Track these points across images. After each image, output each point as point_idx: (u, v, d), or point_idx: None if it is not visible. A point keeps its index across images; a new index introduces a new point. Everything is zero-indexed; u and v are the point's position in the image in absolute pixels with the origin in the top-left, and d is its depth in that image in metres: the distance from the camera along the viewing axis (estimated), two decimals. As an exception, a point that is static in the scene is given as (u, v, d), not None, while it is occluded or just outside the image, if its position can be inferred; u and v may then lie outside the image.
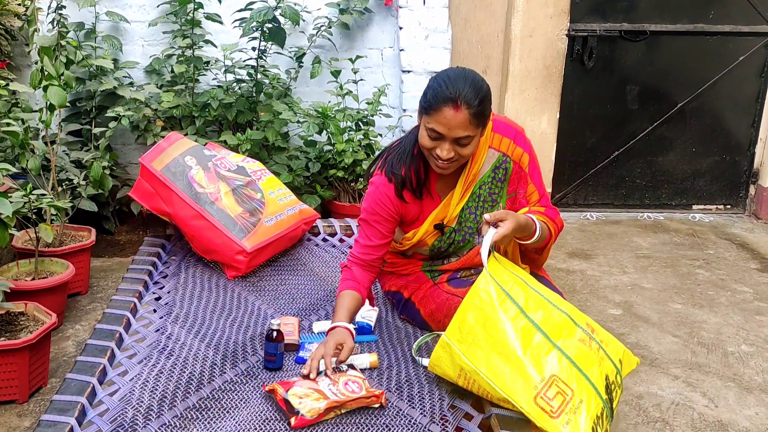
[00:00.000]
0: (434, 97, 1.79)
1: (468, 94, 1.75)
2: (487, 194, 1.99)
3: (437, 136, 1.81)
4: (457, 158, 1.84)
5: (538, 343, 1.62)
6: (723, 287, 3.59)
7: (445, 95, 1.76)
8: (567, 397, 1.57)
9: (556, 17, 4.23)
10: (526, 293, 1.70)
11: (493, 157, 1.98)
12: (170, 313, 2.10)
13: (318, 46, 4.16)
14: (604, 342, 1.73)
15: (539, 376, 1.58)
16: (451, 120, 1.76)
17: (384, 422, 1.62)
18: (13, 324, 2.56)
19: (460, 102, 1.75)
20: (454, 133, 1.78)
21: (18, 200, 2.59)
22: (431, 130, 1.81)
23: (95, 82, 3.80)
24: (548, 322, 1.66)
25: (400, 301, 2.14)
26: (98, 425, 1.56)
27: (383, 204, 1.96)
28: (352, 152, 3.82)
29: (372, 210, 1.98)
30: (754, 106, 4.57)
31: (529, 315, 1.65)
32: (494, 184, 2.00)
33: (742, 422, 2.50)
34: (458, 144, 1.81)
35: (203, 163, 2.45)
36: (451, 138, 1.79)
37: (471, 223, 2.00)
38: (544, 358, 1.60)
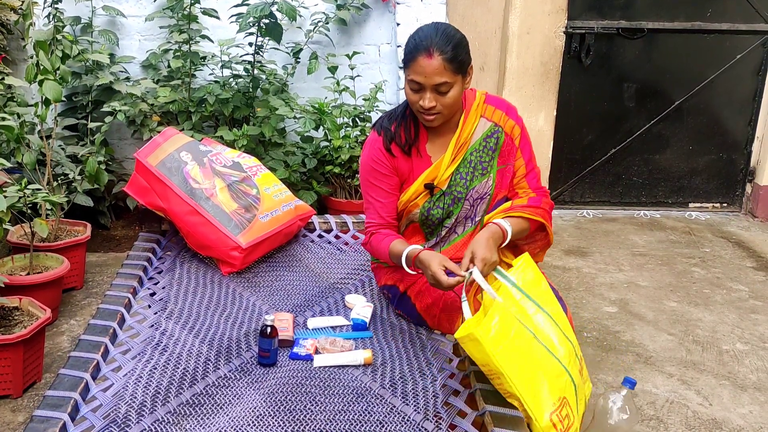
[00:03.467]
0: (409, 49, 1.88)
1: (439, 41, 1.84)
2: (477, 162, 2.04)
3: (418, 87, 1.88)
4: (439, 109, 1.90)
5: (554, 365, 1.72)
6: (719, 285, 3.60)
7: (418, 45, 1.85)
8: (570, 421, 1.71)
9: (554, 14, 4.22)
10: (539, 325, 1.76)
11: (485, 125, 2.04)
12: (164, 309, 2.09)
13: (315, 41, 4.15)
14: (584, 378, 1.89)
15: (556, 396, 1.69)
16: (426, 67, 1.84)
17: (378, 419, 1.61)
18: (8, 319, 2.56)
19: (433, 49, 1.83)
20: (432, 80, 1.85)
21: (13, 195, 2.59)
22: (411, 81, 1.88)
23: (91, 76, 3.78)
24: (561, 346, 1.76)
25: (396, 296, 2.14)
26: (91, 421, 1.56)
27: (377, 158, 2.03)
28: (349, 148, 3.81)
29: (368, 167, 2.05)
30: (751, 105, 4.58)
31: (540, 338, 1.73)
32: (485, 152, 2.04)
33: (736, 420, 2.50)
34: (438, 92, 1.88)
35: (199, 159, 2.44)
36: (430, 86, 1.86)
37: (461, 188, 2.04)
38: (559, 379, 1.71)
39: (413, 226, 2.12)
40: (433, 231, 2.10)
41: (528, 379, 1.66)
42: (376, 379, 1.77)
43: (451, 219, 2.07)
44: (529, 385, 1.66)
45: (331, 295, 2.26)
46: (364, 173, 2.07)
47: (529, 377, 1.66)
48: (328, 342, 1.91)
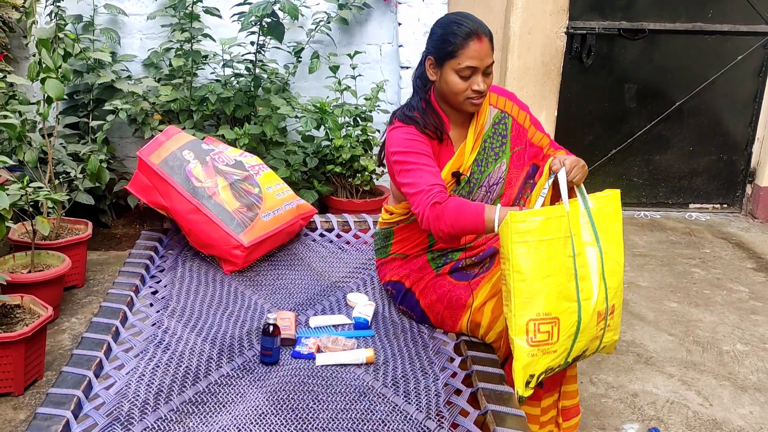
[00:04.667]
0: (456, 38, 1.89)
1: (479, 24, 1.91)
2: (490, 148, 2.07)
3: (470, 73, 1.91)
4: (485, 90, 1.94)
5: (568, 288, 1.72)
6: (719, 286, 3.60)
7: (466, 32, 1.88)
8: (548, 342, 1.71)
9: (555, 14, 4.22)
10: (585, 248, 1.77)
11: (492, 112, 2.09)
12: (167, 307, 2.10)
13: (316, 41, 4.15)
14: (610, 327, 1.84)
15: (547, 309, 1.69)
16: (480, 50, 1.89)
17: (380, 418, 1.62)
18: (9, 317, 2.56)
19: (480, 32, 1.89)
20: (485, 62, 1.90)
21: (15, 193, 2.59)
22: (465, 68, 1.90)
23: (93, 75, 3.78)
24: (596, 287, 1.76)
25: (400, 292, 2.14)
26: (94, 419, 1.56)
27: (415, 137, 1.96)
28: (350, 148, 3.81)
29: (407, 143, 1.95)
30: (751, 106, 4.58)
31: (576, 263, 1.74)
32: (496, 139, 2.08)
33: (736, 421, 2.50)
34: (485, 74, 1.93)
35: (201, 157, 2.44)
36: (483, 68, 1.91)
37: (478, 174, 2.06)
38: (563, 302, 1.71)
39: None
40: None
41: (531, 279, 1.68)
42: (378, 378, 1.77)
43: None
44: (529, 284, 1.68)
45: (333, 293, 2.27)
46: (404, 150, 1.93)
47: (533, 278, 1.68)
48: (330, 341, 1.91)
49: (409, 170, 1.92)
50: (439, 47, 1.93)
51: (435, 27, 1.98)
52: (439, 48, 1.93)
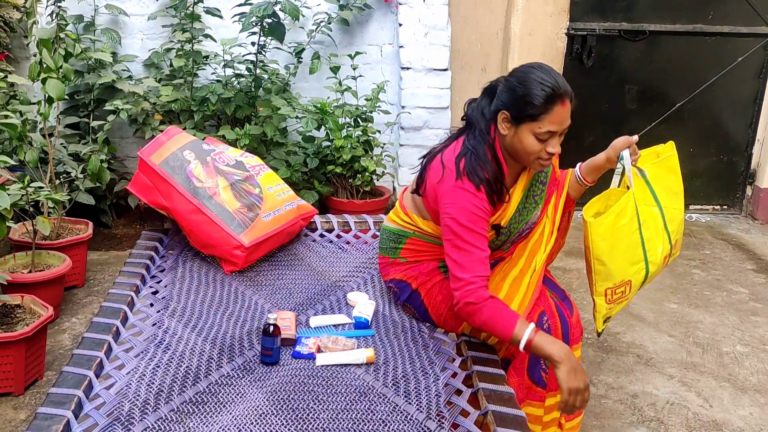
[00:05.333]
0: (540, 101, 1.76)
1: (565, 85, 1.79)
2: (531, 197, 2.03)
3: (548, 137, 1.81)
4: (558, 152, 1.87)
5: (636, 254, 2.05)
6: (719, 287, 3.60)
7: (551, 95, 1.76)
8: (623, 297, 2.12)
9: (556, 16, 4.23)
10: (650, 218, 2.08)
11: None
12: (167, 307, 2.10)
13: (317, 41, 4.15)
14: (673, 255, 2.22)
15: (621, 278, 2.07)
16: (563, 114, 1.79)
17: (380, 418, 1.62)
18: (10, 316, 2.56)
19: (565, 95, 1.78)
20: (564, 125, 1.82)
21: (15, 193, 2.59)
22: (545, 133, 1.79)
23: (94, 75, 3.79)
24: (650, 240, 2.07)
25: (405, 291, 2.11)
26: (95, 419, 1.56)
27: (482, 207, 1.85)
28: (351, 148, 3.82)
29: (472, 216, 1.84)
30: (752, 107, 4.58)
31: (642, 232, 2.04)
32: (537, 186, 2.04)
33: (736, 422, 2.51)
34: (560, 135, 1.85)
35: (202, 158, 2.44)
36: (561, 131, 1.83)
37: (516, 225, 2.02)
38: (634, 266, 2.06)
39: None
40: None
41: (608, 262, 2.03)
42: (379, 378, 1.78)
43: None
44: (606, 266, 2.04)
45: (333, 293, 2.27)
46: (465, 221, 1.83)
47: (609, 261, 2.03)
48: (331, 340, 1.91)
49: (461, 248, 1.83)
50: (520, 107, 1.79)
51: (515, 82, 1.81)
52: (520, 108, 1.79)
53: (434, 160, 1.94)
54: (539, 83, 1.77)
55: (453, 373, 1.84)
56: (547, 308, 2.01)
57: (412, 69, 4.14)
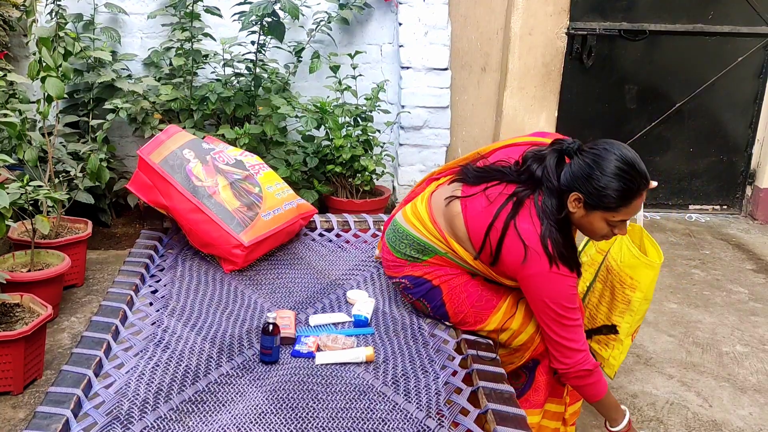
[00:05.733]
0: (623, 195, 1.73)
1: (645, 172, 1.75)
2: None
3: (620, 223, 1.81)
4: None
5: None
6: (718, 287, 3.60)
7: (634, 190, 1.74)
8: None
9: (556, 15, 4.22)
10: None
11: None
12: (167, 306, 2.09)
13: (317, 41, 4.15)
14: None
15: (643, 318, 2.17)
16: (640, 204, 1.78)
17: (380, 416, 1.62)
18: (9, 315, 2.56)
19: (643, 187, 1.75)
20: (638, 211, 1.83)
21: (15, 191, 2.59)
22: (619, 221, 1.79)
23: (93, 73, 3.78)
24: None
25: (422, 287, 2.06)
26: (94, 417, 1.56)
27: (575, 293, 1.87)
28: (350, 148, 3.81)
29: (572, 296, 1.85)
30: (752, 107, 4.58)
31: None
32: None
33: (735, 422, 2.50)
34: None
35: (201, 157, 2.44)
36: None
37: None
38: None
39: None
40: None
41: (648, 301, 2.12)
42: (379, 377, 1.77)
43: None
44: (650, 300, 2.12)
45: (333, 291, 2.26)
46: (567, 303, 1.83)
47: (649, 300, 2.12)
48: (330, 339, 1.91)
49: (568, 326, 1.86)
50: (596, 197, 1.75)
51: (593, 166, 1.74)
52: (596, 197, 1.75)
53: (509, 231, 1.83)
54: (620, 177, 1.71)
55: (453, 372, 1.84)
56: None
57: (411, 68, 4.14)
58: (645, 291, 2.07)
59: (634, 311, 2.10)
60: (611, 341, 2.17)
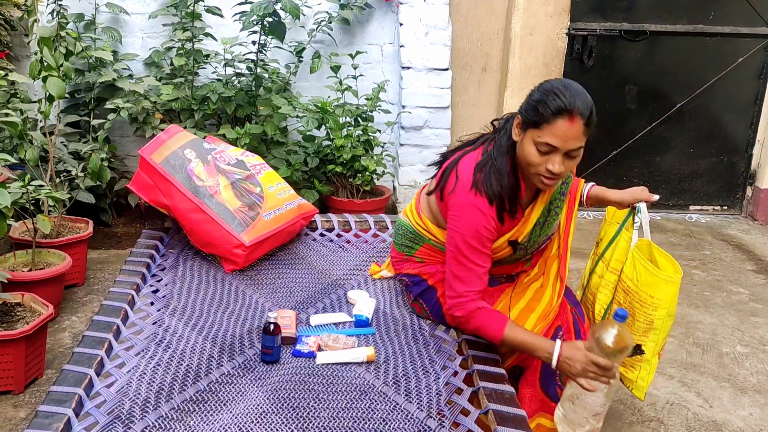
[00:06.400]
0: (548, 111, 1.71)
1: (581, 105, 1.71)
2: (552, 210, 1.99)
3: (549, 150, 1.74)
4: (563, 173, 1.77)
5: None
6: (719, 288, 3.60)
7: (560, 108, 1.70)
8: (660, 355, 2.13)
9: (557, 16, 4.23)
10: None
11: None
12: (168, 306, 2.10)
13: (318, 41, 4.15)
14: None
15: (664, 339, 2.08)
16: (567, 132, 1.71)
17: (381, 416, 1.62)
18: (10, 315, 2.56)
19: (575, 113, 1.70)
20: (569, 145, 1.72)
21: (16, 191, 2.59)
22: (543, 144, 1.73)
23: (94, 73, 3.79)
24: None
25: (419, 286, 2.09)
26: (95, 417, 1.56)
27: (488, 227, 1.84)
28: (351, 148, 3.82)
29: (477, 234, 1.84)
30: (752, 108, 4.59)
31: None
32: (559, 199, 1.99)
33: (736, 422, 2.51)
34: (568, 156, 1.75)
35: (203, 156, 2.44)
36: (565, 150, 1.73)
37: (536, 238, 1.99)
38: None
39: None
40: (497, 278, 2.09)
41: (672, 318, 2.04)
42: (380, 377, 1.78)
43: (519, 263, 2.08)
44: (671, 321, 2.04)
45: (334, 291, 2.27)
46: (470, 239, 1.84)
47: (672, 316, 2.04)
48: (331, 339, 1.91)
49: (462, 263, 1.86)
50: (528, 112, 1.76)
51: (535, 88, 1.79)
52: (528, 113, 1.76)
53: (453, 168, 1.89)
54: (554, 93, 1.71)
55: (454, 372, 1.84)
56: (564, 322, 2.00)
57: (412, 68, 4.14)
58: (668, 308, 1.98)
59: (658, 329, 1.99)
60: (637, 362, 2.04)
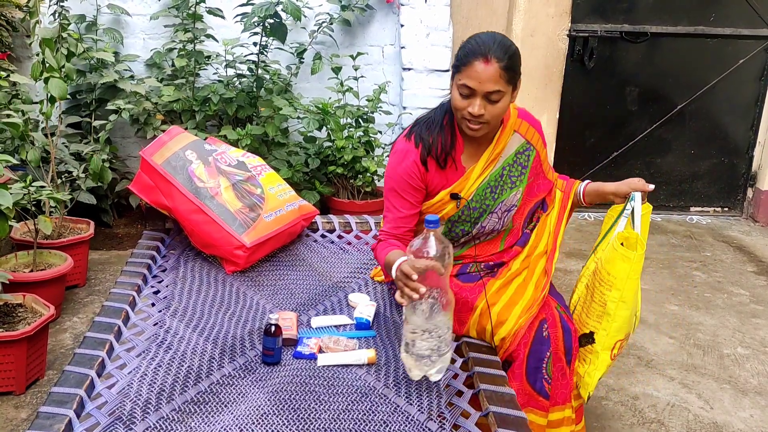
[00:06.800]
0: (465, 54, 1.84)
1: (497, 49, 1.81)
2: (508, 176, 2.04)
3: (469, 93, 1.84)
4: (487, 118, 1.86)
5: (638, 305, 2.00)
6: (720, 289, 3.60)
7: (475, 50, 1.82)
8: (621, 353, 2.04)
9: (558, 17, 4.23)
10: None
11: (518, 141, 2.06)
12: (169, 307, 2.10)
13: (319, 42, 4.16)
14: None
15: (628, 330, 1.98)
16: (482, 73, 1.81)
17: (381, 419, 1.62)
18: (11, 315, 2.57)
19: (490, 55, 1.80)
20: (485, 86, 1.82)
21: (17, 192, 2.59)
22: (463, 86, 1.84)
23: (96, 74, 3.79)
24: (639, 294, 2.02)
25: None
26: (96, 418, 1.56)
27: (410, 172, 1.97)
28: (352, 149, 3.82)
29: (399, 178, 1.99)
30: (753, 110, 4.59)
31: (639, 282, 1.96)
32: (516, 167, 2.05)
33: (737, 424, 2.51)
34: (489, 101, 1.85)
35: (204, 158, 2.44)
36: (482, 92, 1.83)
37: (490, 201, 2.03)
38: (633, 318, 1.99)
39: None
40: (455, 241, 2.10)
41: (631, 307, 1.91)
42: (380, 379, 1.78)
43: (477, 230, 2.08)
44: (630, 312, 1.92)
45: (335, 293, 2.27)
46: (392, 182, 2.00)
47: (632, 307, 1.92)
48: (332, 341, 1.91)
49: (386, 207, 2.05)
50: (455, 59, 1.89)
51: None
52: (454, 59, 1.89)
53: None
54: (473, 39, 1.86)
55: (454, 374, 1.84)
56: (549, 317, 1.99)
57: (413, 70, 4.15)
58: (621, 290, 1.88)
59: (611, 315, 1.91)
60: (588, 354, 1.99)
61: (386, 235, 2.03)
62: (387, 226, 2.04)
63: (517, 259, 2.09)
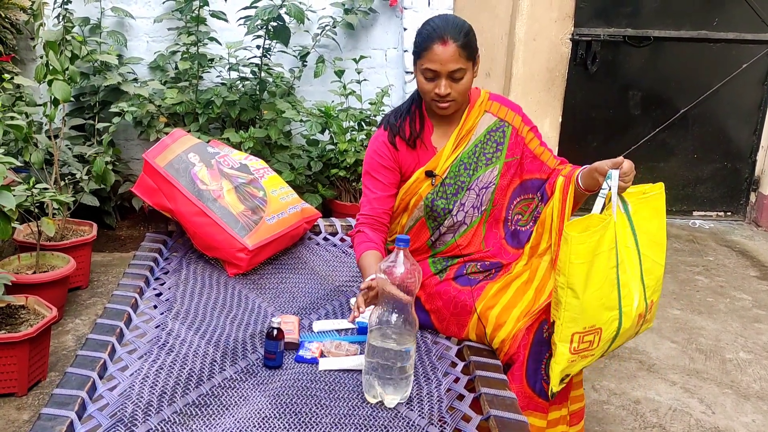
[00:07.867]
0: (422, 39, 1.94)
1: (452, 30, 1.91)
2: (481, 153, 2.10)
3: (433, 75, 1.94)
4: (454, 96, 1.96)
5: (611, 297, 1.80)
6: (722, 294, 3.60)
7: (432, 34, 1.92)
8: (589, 350, 1.82)
9: (561, 21, 4.23)
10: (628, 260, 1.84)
11: (489, 120, 2.11)
12: (171, 310, 2.10)
13: (322, 45, 4.16)
14: (647, 321, 1.95)
15: (592, 322, 1.79)
16: (442, 54, 1.90)
17: (382, 423, 1.62)
18: (14, 317, 2.57)
19: (447, 37, 1.90)
20: (447, 67, 1.91)
21: (20, 194, 2.60)
22: (426, 70, 1.94)
23: (99, 77, 3.80)
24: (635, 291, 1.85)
25: None
26: (98, 420, 1.57)
27: (380, 152, 2.09)
28: (354, 152, 3.82)
29: (371, 159, 2.11)
30: (756, 114, 4.58)
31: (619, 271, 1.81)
32: (489, 144, 2.11)
33: (739, 429, 2.50)
34: (452, 79, 1.94)
35: (206, 161, 2.45)
36: (446, 72, 1.92)
37: (465, 177, 2.09)
38: (606, 312, 1.80)
39: (420, 222, 2.13)
40: (439, 223, 2.12)
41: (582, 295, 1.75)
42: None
43: (457, 208, 2.09)
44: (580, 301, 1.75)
45: (337, 297, 2.27)
46: (367, 167, 2.12)
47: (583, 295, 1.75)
48: (334, 345, 1.91)
49: (363, 190, 2.14)
50: (414, 46, 1.99)
51: None
52: (414, 47, 1.99)
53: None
54: (427, 23, 1.96)
55: (455, 378, 1.84)
56: (549, 318, 2.00)
57: (416, 73, 4.15)
58: (567, 275, 1.74)
59: (562, 304, 1.76)
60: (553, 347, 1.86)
61: (364, 218, 2.10)
62: (364, 209, 2.11)
63: (519, 262, 2.09)
